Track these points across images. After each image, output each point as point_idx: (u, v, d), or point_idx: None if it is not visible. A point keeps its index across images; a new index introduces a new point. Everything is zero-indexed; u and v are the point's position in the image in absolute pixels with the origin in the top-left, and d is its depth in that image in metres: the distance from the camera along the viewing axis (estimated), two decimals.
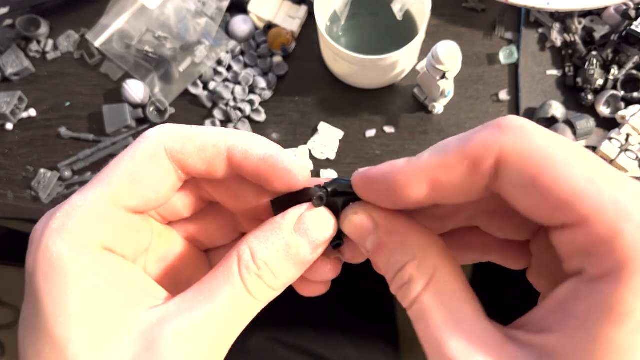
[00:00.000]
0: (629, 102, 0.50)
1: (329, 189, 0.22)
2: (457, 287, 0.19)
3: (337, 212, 0.22)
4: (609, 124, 0.50)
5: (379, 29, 0.53)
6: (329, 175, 0.52)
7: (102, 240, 0.20)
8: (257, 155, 0.22)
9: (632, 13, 0.50)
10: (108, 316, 0.19)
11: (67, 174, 0.53)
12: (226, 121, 0.54)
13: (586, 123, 0.49)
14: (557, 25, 0.53)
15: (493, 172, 0.18)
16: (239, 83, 0.54)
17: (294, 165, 0.22)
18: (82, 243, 0.20)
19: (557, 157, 0.17)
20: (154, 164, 0.21)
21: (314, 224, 0.22)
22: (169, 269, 0.25)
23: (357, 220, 0.22)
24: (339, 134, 0.53)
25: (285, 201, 0.23)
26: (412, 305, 0.19)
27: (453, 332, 0.18)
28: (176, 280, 0.25)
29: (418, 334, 0.19)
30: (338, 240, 0.23)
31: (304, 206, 0.22)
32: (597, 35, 0.51)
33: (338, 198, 0.22)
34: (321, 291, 0.26)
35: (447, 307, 0.18)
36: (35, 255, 0.19)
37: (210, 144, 0.22)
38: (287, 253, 0.21)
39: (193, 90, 0.55)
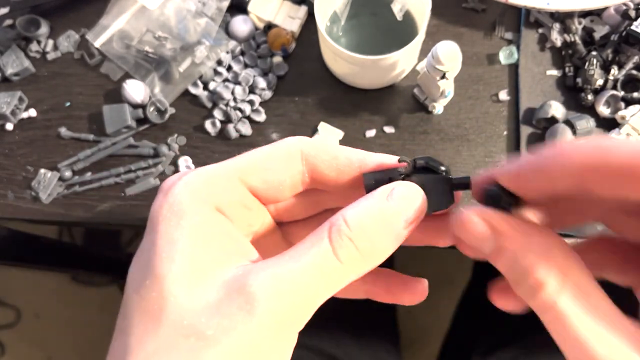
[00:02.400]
0: (628, 102, 0.50)
1: (417, 164, 0.24)
2: (590, 285, 0.19)
3: (428, 192, 0.23)
4: (609, 124, 0.50)
5: (379, 29, 0.53)
6: None
7: (218, 201, 0.23)
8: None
9: (632, 13, 0.50)
10: (205, 263, 0.21)
11: (67, 174, 0.53)
12: (226, 121, 0.54)
13: (586, 123, 0.49)
14: (557, 26, 0.53)
15: None
16: (239, 83, 0.54)
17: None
18: (201, 198, 0.22)
19: None
20: (287, 159, 0.24)
21: (404, 197, 0.22)
22: (254, 239, 0.26)
23: (473, 227, 0.21)
24: (339, 134, 0.53)
25: (377, 179, 0.24)
26: (546, 309, 0.19)
27: (595, 332, 0.18)
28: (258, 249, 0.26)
29: (553, 335, 0.19)
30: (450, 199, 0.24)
31: (397, 182, 0.23)
32: (597, 36, 0.52)
33: (431, 178, 0.23)
34: (421, 299, 0.27)
35: (585, 308, 0.18)
36: (161, 199, 0.22)
37: (343, 155, 0.24)
38: (380, 220, 0.22)
39: (193, 90, 0.55)
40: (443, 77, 0.47)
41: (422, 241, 0.27)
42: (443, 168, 0.24)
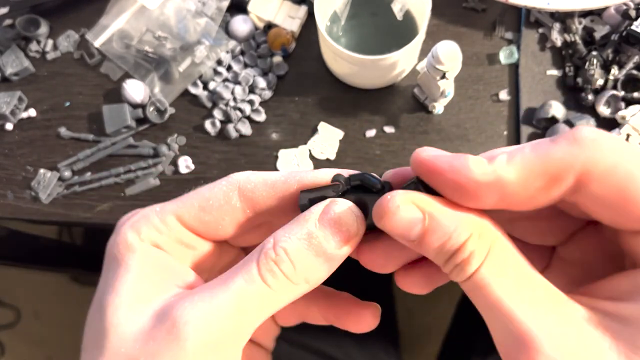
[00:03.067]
0: (629, 102, 0.50)
1: (352, 182, 0.23)
2: (512, 253, 0.20)
3: (365, 209, 0.22)
4: (609, 124, 0.50)
5: (379, 29, 0.53)
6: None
7: (155, 240, 0.24)
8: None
9: (632, 13, 0.50)
10: (144, 294, 0.23)
11: (67, 174, 0.53)
12: (226, 121, 0.54)
13: (586, 123, 0.49)
14: (557, 25, 0.53)
15: (572, 187, 0.18)
16: (239, 83, 0.54)
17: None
18: (142, 236, 0.24)
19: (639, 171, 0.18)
20: (223, 200, 0.24)
21: (336, 217, 0.22)
22: (206, 265, 0.27)
23: (405, 213, 0.20)
24: (339, 134, 0.53)
25: (312, 198, 0.23)
26: (469, 278, 0.20)
27: (515, 295, 0.19)
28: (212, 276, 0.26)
29: (476, 303, 0.20)
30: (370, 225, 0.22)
31: (329, 200, 0.22)
32: (597, 35, 0.51)
33: (367, 196, 0.22)
34: (370, 327, 0.27)
35: (506, 273, 0.19)
36: (114, 238, 0.25)
37: (280, 181, 0.24)
38: (309, 243, 0.21)
39: (193, 90, 0.55)
40: (443, 77, 0.47)
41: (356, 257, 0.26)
42: (379, 186, 0.23)
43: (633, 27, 0.49)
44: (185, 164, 0.53)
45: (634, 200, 0.18)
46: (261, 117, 0.54)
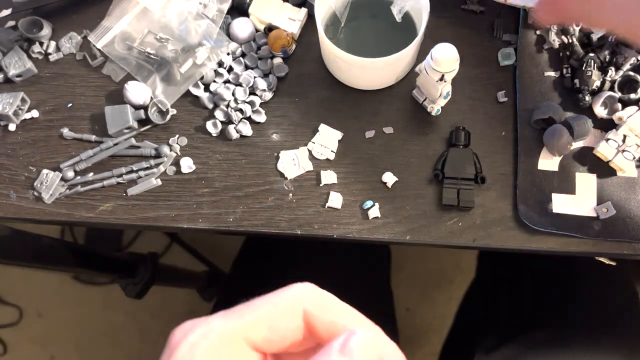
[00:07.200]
0: (626, 103, 0.50)
1: None
2: None
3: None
4: (606, 125, 0.51)
5: (378, 30, 0.54)
6: (329, 175, 0.52)
7: None
8: None
9: None
10: None
11: (70, 174, 0.54)
12: (227, 122, 0.54)
13: (583, 124, 0.49)
14: (555, 27, 0.54)
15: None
16: (239, 84, 0.55)
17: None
18: None
19: None
20: (290, 319, 0.25)
21: (357, 345, 0.23)
22: None
23: None
24: (338, 134, 0.53)
25: None
26: None
27: None
28: None
29: None
30: None
31: (350, 331, 0.24)
32: (594, 37, 0.52)
33: None
34: None
35: None
36: (169, 358, 0.23)
37: (341, 324, 0.25)
38: None
39: (194, 91, 0.55)
40: (441, 78, 0.47)
41: None
42: None
43: None
44: (187, 165, 0.54)
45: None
46: (262, 118, 0.54)
